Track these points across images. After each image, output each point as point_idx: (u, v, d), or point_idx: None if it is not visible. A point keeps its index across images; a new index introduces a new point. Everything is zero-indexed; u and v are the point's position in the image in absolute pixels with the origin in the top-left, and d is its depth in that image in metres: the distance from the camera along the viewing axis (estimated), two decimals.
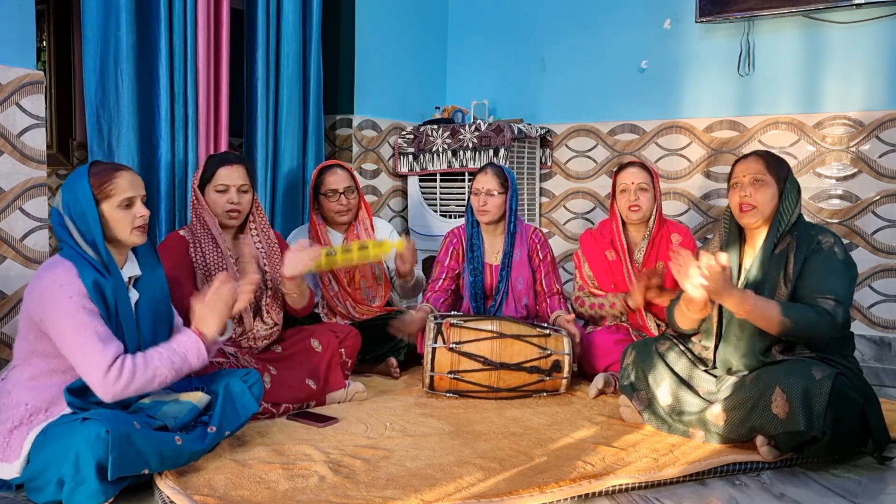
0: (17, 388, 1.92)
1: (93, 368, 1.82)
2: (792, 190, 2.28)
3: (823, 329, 2.13)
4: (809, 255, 2.22)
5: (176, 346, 1.96)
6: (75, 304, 1.83)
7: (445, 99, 4.56)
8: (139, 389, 1.87)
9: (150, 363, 1.89)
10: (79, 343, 1.83)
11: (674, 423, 2.32)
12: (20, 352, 1.95)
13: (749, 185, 2.28)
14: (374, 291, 3.24)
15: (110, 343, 1.85)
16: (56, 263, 1.90)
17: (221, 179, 2.57)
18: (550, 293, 3.11)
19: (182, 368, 1.95)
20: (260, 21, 3.33)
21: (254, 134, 3.38)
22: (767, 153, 2.36)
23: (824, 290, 2.15)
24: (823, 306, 2.13)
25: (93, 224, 1.91)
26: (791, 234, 2.27)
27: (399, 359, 3.08)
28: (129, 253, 2.05)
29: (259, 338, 2.60)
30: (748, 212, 2.28)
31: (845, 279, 2.19)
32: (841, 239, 2.26)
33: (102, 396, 1.84)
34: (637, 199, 2.98)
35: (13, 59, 2.53)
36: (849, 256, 2.23)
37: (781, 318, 2.11)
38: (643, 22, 3.93)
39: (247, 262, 2.56)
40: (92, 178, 1.93)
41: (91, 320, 1.84)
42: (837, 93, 3.47)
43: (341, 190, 3.17)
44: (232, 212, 2.58)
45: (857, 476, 2.08)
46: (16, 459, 1.85)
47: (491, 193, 3.05)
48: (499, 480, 1.94)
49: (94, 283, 1.88)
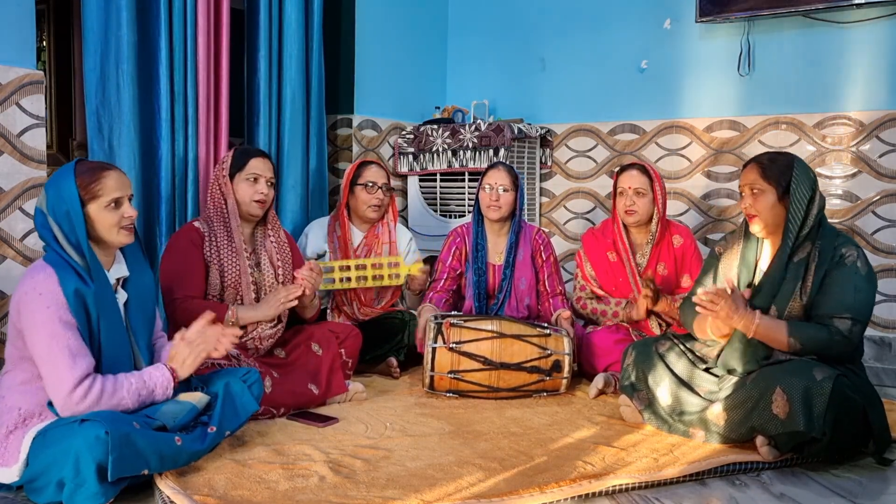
0: (10, 392, 1.90)
1: (59, 383, 1.80)
2: (799, 190, 2.20)
3: (837, 349, 2.13)
4: (831, 269, 2.17)
5: (147, 379, 1.93)
6: (52, 314, 1.80)
7: (445, 99, 4.56)
8: (101, 409, 1.84)
9: (117, 392, 1.86)
10: (49, 356, 1.80)
11: (674, 423, 2.32)
12: (11, 357, 1.93)
13: (749, 195, 2.28)
14: (383, 293, 3.25)
15: (81, 360, 1.82)
16: (38, 269, 1.85)
17: (254, 169, 2.62)
18: (553, 294, 3.12)
19: (146, 401, 1.92)
20: (262, 21, 3.34)
21: (255, 134, 3.38)
22: (768, 158, 2.30)
23: (842, 309, 2.13)
24: (838, 326, 2.12)
25: (77, 226, 1.86)
26: (812, 243, 2.22)
27: (399, 359, 3.08)
28: (116, 253, 2.03)
29: (265, 338, 2.60)
30: (752, 221, 2.29)
31: (867, 297, 2.16)
32: (864, 251, 2.22)
33: (61, 412, 1.82)
34: (633, 204, 2.97)
35: (13, 59, 2.53)
36: (871, 271, 2.19)
37: (789, 339, 2.13)
38: (643, 22, 3.93)
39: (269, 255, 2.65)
40: (78, 177, 1.88)
41: (65, 333, 1.81)
42: (837, 93, 3.47)
43: (380, 184, 3.21)
44: (260, 202, 2.62)
45: (857, 476, 2.08)
46: (14, 463, 1.85)
47: (506, 189, 3.07)
48: (499, 480, 1.94)
49: (76, 292, 1.84)
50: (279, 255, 2.71)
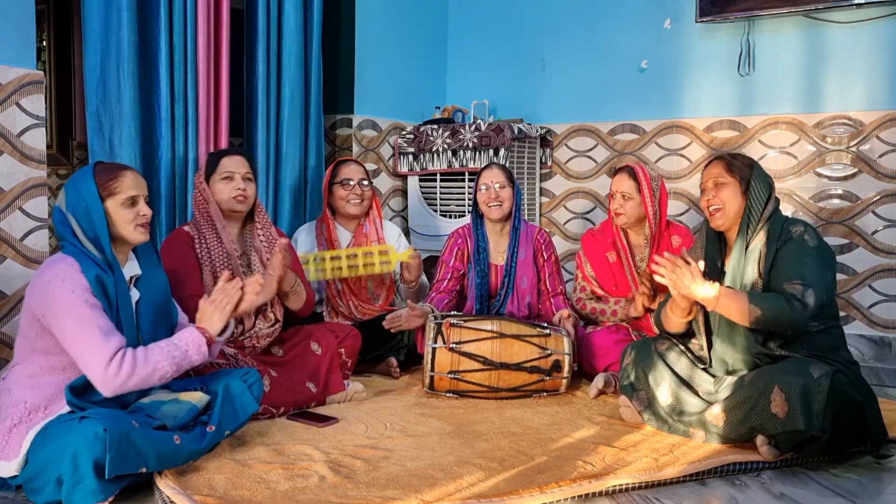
0: (18, 385, 1.92)
1: (94, 361, 1.83)
2: (759, 185, 2.29)
3: (795, 315, 2.12)
4: (780, 247, 2.24)
5: (177, 341, 1.97)
6: (78, 297, 1.84)
7: (445, 99, 4.56)
8: (139, 384, 1.87)
9: (150, 357, 1.89)
10: (81, 336, 1.83)
11: (674, 423, 2.32)
12: (21, 350, 1.95)
13: (712, 188, 2.34)
14: (379, 292, 3.25)
15: (112, 336, 1.86)
16: (59, 259, 1.91)
17: (226, 168, 2.62)
18: (554, 293, 3.13)
19: (182, 363, 1.95)
20: (261, 21, 3.34)
21: (254, 134, 3.38)
22: (730, 155, 2.40)
23: (792, 276, 2.17)
24: (791, 292, 2.14)
25: (97, 220, 1.92)
26: (763, 230, 2.28)
27: (399, 359, 3.08)
28: (129, 253, 2.07)
29: (262, 336, 2.60)
30: (715, 214, 2.33)
31: (816, 264, 2.19)
32: (813, 226, 2.28)
33: (102, 390, 1.85)
34: (620, 207, 2.99)
35: (13, 59, 2.53)
36: (822, 242, 2.24)
37: (750, 306, 2.14)
38: (643, 22, 3.93)
39: (258, 254, 2.60)
40: (97, 175, 1.95)
41: (93, 313, 1.85)
42: (837, 93, 3.48)
43: (356, 180, 3.21)
44: (239, 197, 2.61)
45: (857, 476, 2.08)
46: (14, 458, 1.85)
47: (503, 185, 3.08)
48: (499, 480, 1.94)
49: (97, 278, 1.89)
50: (269, 253, 2.68)
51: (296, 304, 2.69)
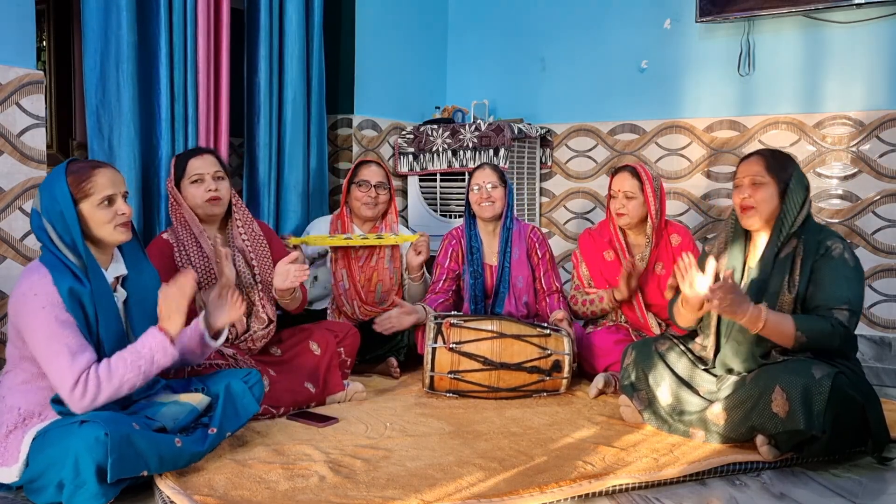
0: (11, 392, 1.91)
1: (60, 383, 1.81)
2: (796, 190, 2.24)
3: (838, 341, 2.13)
4: (818, 262, 2.20)
5: (140, 348, 1.89)
6: (48, 314, 1.80)
7: (445, 99, 4.56)
8: (108, 399, 1.84)
9: (114, 373, 1.84)
10: (49, 356, 1.80)
11: (674, 423, 2.32)
12: (11, 357, 1.93)
13: (748, 186, 2.28)
14: (387, 295, 3.22)
15: (80, 356, 1.81)
16: (34, 270, 1.85)
17: (195, 169, 2.56)
18: (550, 291, 3.12)
19: (150, 370, 1.89)
20: (262, 21, 3.33)
21: (255, 134, 3.38)
22: (771, 153, 2.33)
23: (839, 300, 2.14)
24: (838, 318, 2.13)
25: (71, 224, 1.86)
26: (797, 238, 2.24)
27: (399, 359, 3.08)
28: (114, 252, 2.02)
29: (257, 339, 2.59)
30: (748, 212, 2.28)
31: (857, 287, 2.18)
32: (848, 243, 2.25)
33: (73, 410, 1.83)
34: (622, 207, 2.98)
35: (13, 59, 2.53)
36: (858, 261, 2.22)
37: (797, 332, 2.12)
38: (643, 22, 3.93)
39: (222, 260, 2.40)
40: (69, 177, 1.88)
41: (63, 332, 1.81)
42: (837, 93, 3.47)
43: (373, 183, 3.22)
44: (212, 199, 2.55)
45: (857, 476, 2.08)
46: (14, 463, 1.85)
47: (495, 185, 3.08)
48: (499, 480, 1.94)
49: (70, 291, 1.83)
50: (253, 252, 2.63)
51: (291, 306, 2.70)
